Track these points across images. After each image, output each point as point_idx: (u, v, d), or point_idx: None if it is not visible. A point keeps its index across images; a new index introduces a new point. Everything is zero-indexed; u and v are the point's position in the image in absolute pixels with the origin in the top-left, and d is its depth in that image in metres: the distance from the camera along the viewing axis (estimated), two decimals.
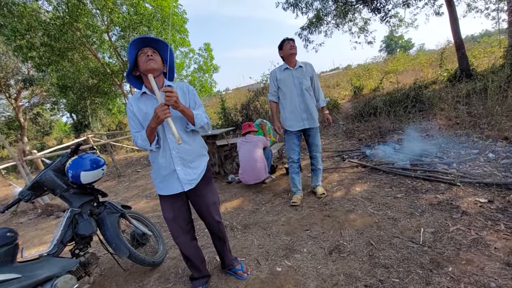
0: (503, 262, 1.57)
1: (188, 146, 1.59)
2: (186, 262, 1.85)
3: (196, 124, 1.52)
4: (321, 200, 2.88)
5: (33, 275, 1.54)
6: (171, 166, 1.56)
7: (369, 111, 5.91)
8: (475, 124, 3.94)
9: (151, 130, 1.44)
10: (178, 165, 1.56)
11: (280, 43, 2.80)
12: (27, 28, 8.32)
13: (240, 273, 1.90)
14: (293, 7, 9.41)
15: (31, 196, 1.86)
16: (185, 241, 1.75)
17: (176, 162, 1.56)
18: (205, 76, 24.24)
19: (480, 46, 12.95)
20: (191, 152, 1.60)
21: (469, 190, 2.44)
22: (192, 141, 1.61)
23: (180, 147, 1.56)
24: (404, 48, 39.91)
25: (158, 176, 1.62)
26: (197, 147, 1.65)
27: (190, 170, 1.60)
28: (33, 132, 18.50)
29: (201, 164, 1.66)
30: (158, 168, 1.60)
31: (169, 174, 1.58)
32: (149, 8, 10.16)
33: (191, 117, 1.50)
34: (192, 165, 1.61)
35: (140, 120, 1.55)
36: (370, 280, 1.64)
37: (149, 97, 1.55)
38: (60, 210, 4.55)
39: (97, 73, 11.66)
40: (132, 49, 1.50)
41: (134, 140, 1.55)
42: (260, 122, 4.25)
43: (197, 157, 1.64)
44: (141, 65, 1.49)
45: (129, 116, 1.58)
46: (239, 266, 1.93)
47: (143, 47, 1.51)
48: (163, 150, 1.56)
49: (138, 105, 1.55)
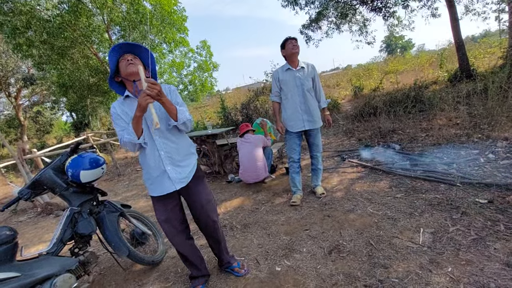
0: (502, 262, 1.57)
1: (175, 145, 1.61)
2: (184, 261, 1.85)
3: (178, 120, 1.52)
4: (321, 200, 2.87)
5: (32, 273, 1.54)
6: (161, 167, 1.58)
7: (369, 111, 5.90)
8: (475, 124, 3.94)
9: (137, 119, 1.43)
10: (168, 165, 1.58)
11: (282, 42, 2.79)
12: (27, 25, 8.31)
13: (237, 269, 1.92)
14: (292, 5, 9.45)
15: (31, 194, 1.86)
16: (181, 241, 1.76)
17: (166, 163, 1.58)
18: (205, 75, 24.23)
19: (481, 46, 12.96)
20: (179, 151, 1.62)
21: (469, 190, 2.44)
22: (178, 140, 1.63)
23: (167, 147, 1.58)
24: (404, 48, 39.87)
25: (150, 178, 1.63)
26: (184, 146, 1.66)
27: (180, 169, 1.61)
28: (33, 130, 18.48)
29: (191, 163, 1.68)
30: (148, 170, 1.61)
31: (160, 175, 1.59)
32: (148, 8, 10.15)
33: (174, 112, 1.50)
34: (182, 164, 1.63)
35: (126, 121, 1.56)
36: (370, 280, 1.64)
37: (132, 100, 1.57)
38: (59, 209, 4.55)
39: (97, 72, 11.64)
40: (112, 56, 1.52)
41: (121, 138, 1.52)
42: (261, 121, 4.24)
43: (186, 156, 1.66)
44: (122, 70, 1.52)
45: (114, 118, 1.58)
46: (236, 264, 1.95)
47: (123, 53, 1.54)
48: (151, 152, 1.57)
49: (122, 108, 1.57)
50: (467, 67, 7.08)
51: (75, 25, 8.88)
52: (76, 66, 10.76)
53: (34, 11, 8.40)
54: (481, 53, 10.92)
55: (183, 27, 12.39)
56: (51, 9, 8.78)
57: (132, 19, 9.80)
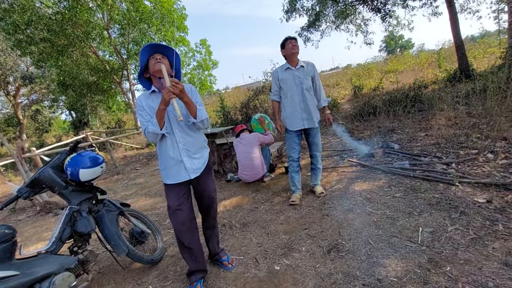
0: (501, 262, 1.58)
1: (192, 139, 1.78)
2: (184, 253, 1.86)
3: (197, 118, 1.70)
4: (320, 199, 2.88)
5: (31, 272, 1.54)
6: (178, 157, 1.73)
7: (369, 111, 5.91)
8: (474, 124, 3.94)
9: (161, 112, 1.59)
10: (184, 156, 1.74)
11: (282, 41, 2.79)
12: (28, 22, 8.29)
13: (226, 263, 2.03)
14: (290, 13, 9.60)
15: (30, 193, 1.86)
16: (188, 229, 1.81)
17: (183, 154, 1.74)
18: (204, 74, 24.16)
19: (480, 46, 12.97)
20: (194, 145, 1.79)
21: (468, 190, 2.45)
22: (195, 135, 1.81)
23: (185, 140, 1.74)
24: (404, 48, 39.88)
25: (166, 167, 1.77)
26: (199, 140, 1.84)
27: (195, 161, 1.78)
28: (32, 129, 18.44)
29: (204, 155, 1.85)
30: (166, 159, 1.75)
31: (177, 164, 1.74)
32: (148, 6, 10.12)
33: (194, 110, 1.68)
34: (196, 156, 1.79)
35: (149, 113, 1.71)
36: (368, 279, 1.65)
37: (157, 95, 1.73)
38: (58, 207, 4.54)
39: (97, 71, 11.62)
40: (143, 54, 1.70)
41: (145, 128, 1.66)
42: (259, 117, 4.18)
43: (200, 149, 1.83)
44: (151, 67, 1.69)
45: (138, 110, 1.74)
46: (225, 257, 2.06)
47: (154, 53, 1.70)
48: (171, 143, 1.73)
49: (147, 101, 1.73)
50: (466, 67, 7.09)
51: (75, 22, 8.85)
52: (76, 64, 10.74)
53: (34, 8, 8.38)
54: (481, 53, 10.93)
55: (182, 26, 12.37)
56: (52, 6, 8.76)
57: (132, 17, 9.77)
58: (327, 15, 9.91)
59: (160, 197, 4.17)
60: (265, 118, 4.14)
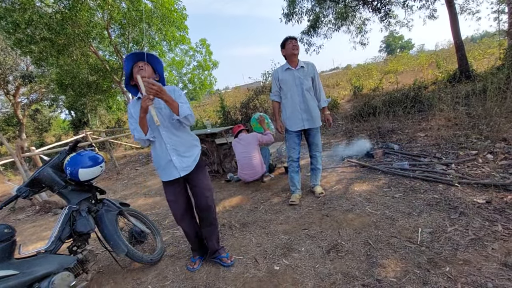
0: (500, 262, 1.58)
1: (178, 138, 1.85)
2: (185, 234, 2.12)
3: (180, 114, 1.73)
4: (320, 199, 2.88)
5: (30, 271, 1.53)
6: (167, 157, 1.84)
7: (369, 111, 5.90)
8: (474, 125, 3.95)
9: (141, 120, 1.70)
10: (173, 156, 1.83)
11: (282, 41, 2.79)
12: (28, 21, 8.27)
13: (225, 259, 2.06)
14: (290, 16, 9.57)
15: (29, 192, 1.86)
16: (184, 218, 2.02)
17: (171, 153, 1.83)
18: (204, 73, 24.17)
19: (480, 47, 12.97)
20: (182, 144, 1.87)
21: (467, 190, 2.45)
22: (182, 134, 1.88)
23: (172, 140, 1.83)
24: (404, 48, 39.90)
25: (159, 166, 1.90)
26: (187, 139, 1.90)
27: (184, 159, 1.86)
28: (32, 128, 18.41)
29: (194, 153, 1.92)
30: (157, 159, 1.89)
31: (167, 163, 1.85)
32: (148, 5, 10.11)
33: (175, 107, 1.71)
34: (185, 154, 1.87)
35: (136, 120, 1.80)
36: (368, 279, 1.65)
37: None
38: (58, 207, 4.54)
39: (97, 70, 11.60)
40: (127, 63, 1.78)
41: (133, 135, 1.82)
42: (259, 116, 4.17)
43: (189, 148, 1.90)
44: (134, 75, 1.77)
45: (128, 117, 1.88)
46: (224, 254, 2.09)
47: (136, 61, 1.78)
48: (159, 144, 1.84)
49: (135, 108, 1.83)
50: (466, 68, 7.09)
51: (75, 22, 8.82)
52: (76, 63, 10.72)
53: (34, 7, 8.37)
54: (480, 54, 10.94)
55: (183, 26, 12.35)
56: (52, 5, 8.75)
57: (132, 16, 9.76)
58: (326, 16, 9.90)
59: (160, 197, 4.17)
60: (264, 118, 4.12)
